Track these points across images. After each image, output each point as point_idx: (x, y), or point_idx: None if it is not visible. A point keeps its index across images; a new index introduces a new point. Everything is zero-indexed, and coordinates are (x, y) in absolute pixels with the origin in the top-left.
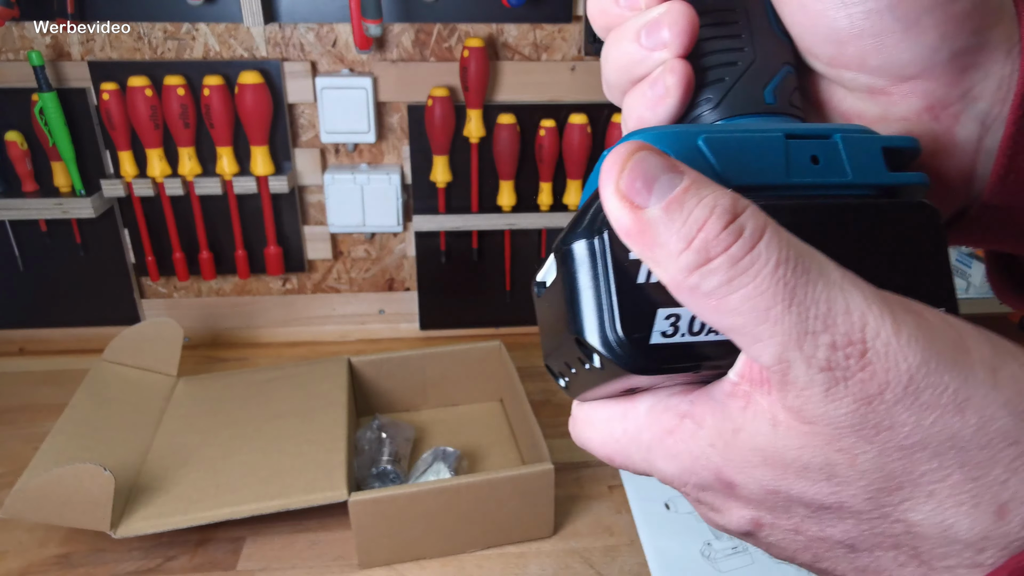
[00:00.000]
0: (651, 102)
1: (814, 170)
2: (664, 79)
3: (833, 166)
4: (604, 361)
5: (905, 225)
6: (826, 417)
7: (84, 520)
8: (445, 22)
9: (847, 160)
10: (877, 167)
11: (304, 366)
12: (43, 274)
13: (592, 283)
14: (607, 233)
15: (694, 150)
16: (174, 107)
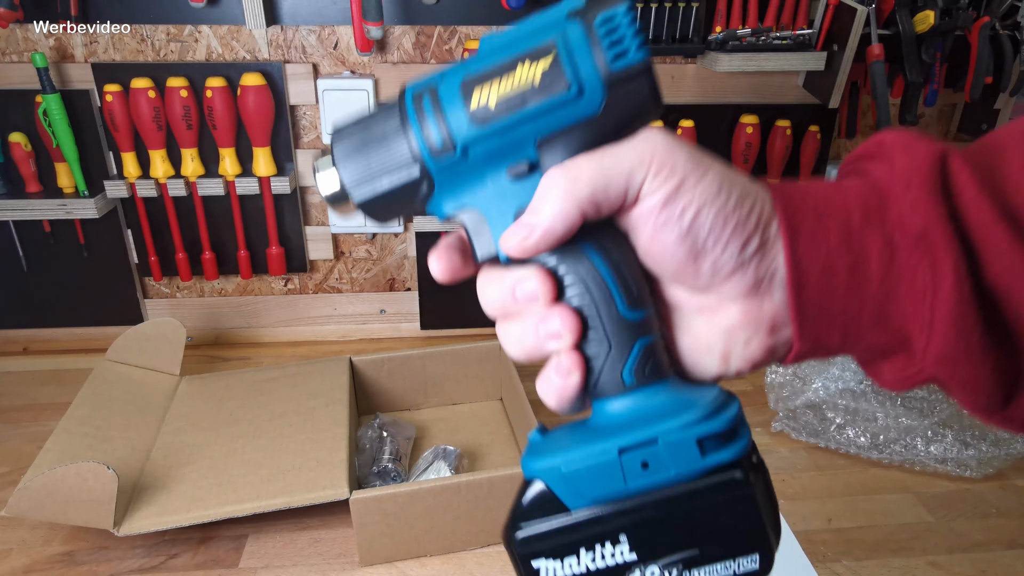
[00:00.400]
0: (559, 387)
1: (645, 474)
2: (570, 370)
3: (659, 467)
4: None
5: (720, 498)
6: None
7: (87, 518)
8: (445, 24)
9: (669, 459)
10: (693, 458)
11: (306, 365)
12: (47, 274)
13: None
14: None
15: (559, 478)
16: (177, 108)
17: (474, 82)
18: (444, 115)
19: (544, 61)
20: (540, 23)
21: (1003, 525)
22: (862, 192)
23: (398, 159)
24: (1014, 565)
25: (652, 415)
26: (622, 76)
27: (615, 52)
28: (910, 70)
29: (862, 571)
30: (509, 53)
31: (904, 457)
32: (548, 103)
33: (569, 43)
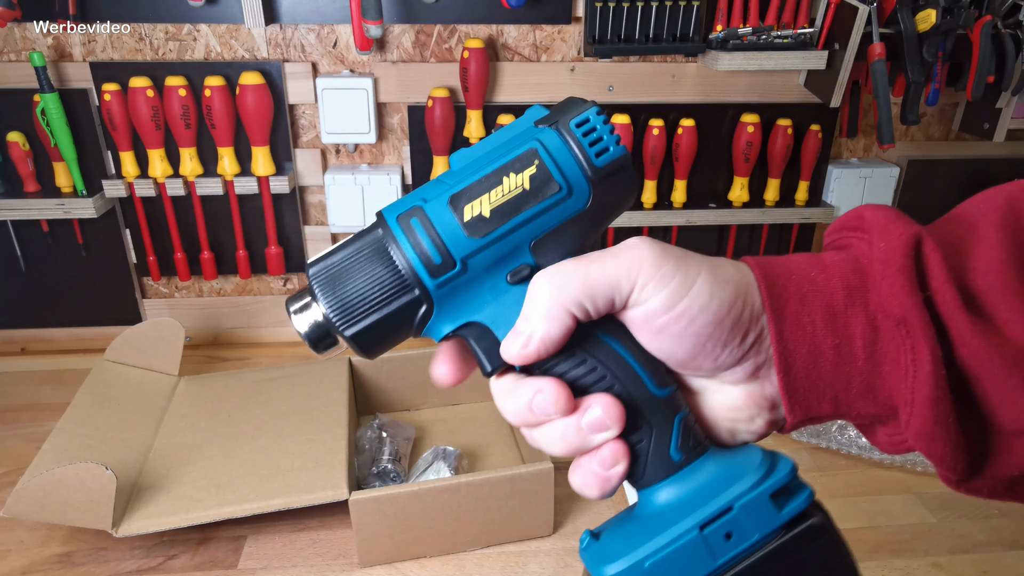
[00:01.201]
0: (603, 479)
1: (730, 544)
2: (616, 460)
3: (742, 533)
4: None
5: (808, 548)
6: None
7: (86, 519)
8: (445, 23)
9: (749, 522)
10: (771, 515)
11: (305, 366)
12: (45, 274)
13: None
14: None
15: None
16: (175, 108)
17: (462, 197)
18: (438, 232)
19: (530, 168)
20: (509, 135)
21: (1005, 526)
22: (843, 271)
23: (394, 284)
24: (1016, 566)
25: (714, 486)
26: (606, 171)
27: (596, 149)
28: (911, 69)
29: (863, 572)
30: (489, 166)
31: (906, 458)
32: (541, 205)
33: (548, 148)
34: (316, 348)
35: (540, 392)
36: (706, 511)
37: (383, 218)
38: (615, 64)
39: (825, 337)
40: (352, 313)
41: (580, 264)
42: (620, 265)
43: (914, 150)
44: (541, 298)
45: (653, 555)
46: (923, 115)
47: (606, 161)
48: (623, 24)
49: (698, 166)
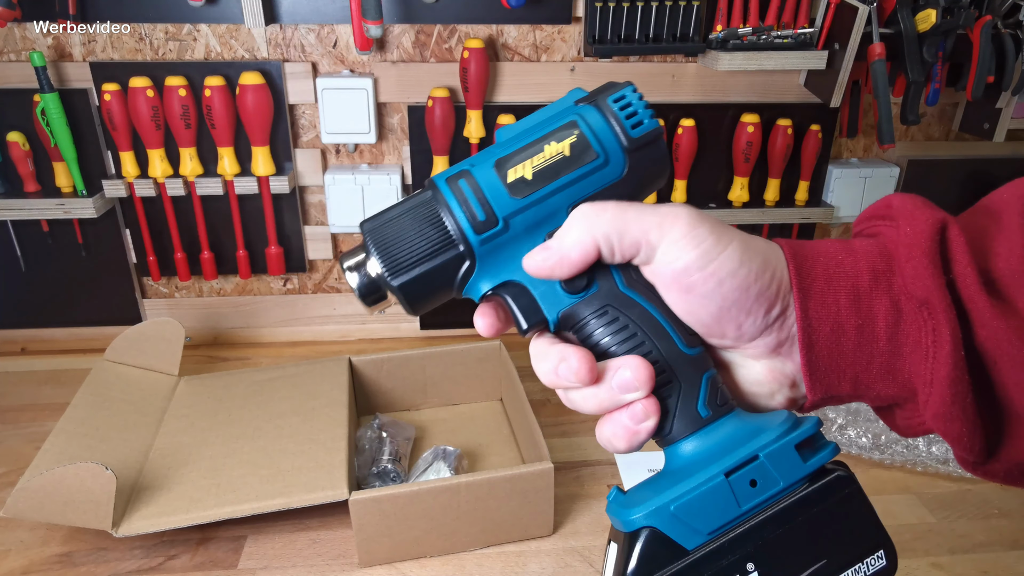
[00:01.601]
0: (633, 432)
1: (755, 491)
2: (648, 415)
3: (767, 481)
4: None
5: (832, 498)
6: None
7: (86, 519)
8: (445, 23)
9: (775, 470)
10: (796, 465)
11: (305, 366)
12: (45, 274)
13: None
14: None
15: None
16: (175, 108)
17: (507, 161)
18: (483, 192)
19: (570, 137)
20: (550, 113)
21: (1005, 526)
22: (870, 255)
23: (440, 239)
24: (1016, 566)
25: (740, 439)
26: (641, 142)
27: (632, 122)
28: (911, 69)
29: None
30: (531, 137)
31: (906, 458)
32: (580, 171)
33: (588, 121)
34: (365, 301)
35: (564, 361)
36: (732, 459)
37: (433, 182)
38: (615, 64)
39: (849, 317)
40: (401, 264)
41: (620, 205)
42: (656, 215)
43: (914, 150)
44: (575, 222)
45: (678, 499)
46: (923, 115)
47: (640, 133)
48: (623, 24)
49: (698, 166)
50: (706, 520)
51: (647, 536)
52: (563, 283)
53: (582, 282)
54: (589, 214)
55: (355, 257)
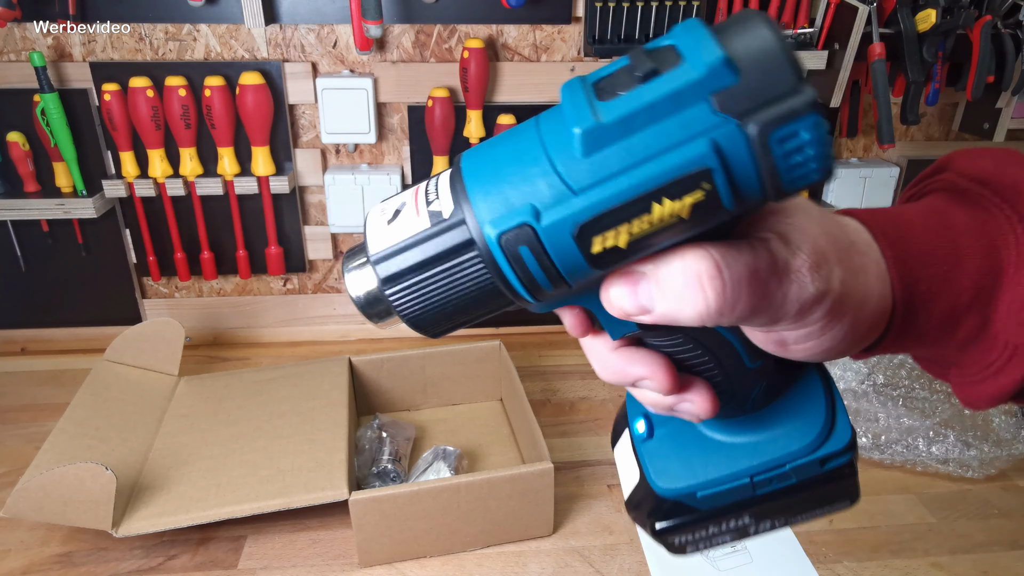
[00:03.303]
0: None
1: (772, 484)
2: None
3: (784, 479)
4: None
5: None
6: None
7: (86, 519)
8: (445, 23)
9: (794, 474)
10: (814, 470)
11: (305, 366)
12: (45, 274)
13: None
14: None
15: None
16: (175, 108)
17: (593, 227)
18: (555, 266)
19: (695, 193)
20: (674, 110)
21: (1005, 526)
22: (978, 269)
23: (489, 304)
24: (1016, 566)
25: (774, 441)
26: (792, 191)
27: (795, 175)
28: (911, 69)
29: (863, 572)
30: (635, 178)
31: (905, 458)
32: (695, 232)
33: (729, 162)
34: (373, 321)
35: (649, 379)
36: (762, 463)
37: (476, 222)
38: None
39: (933, 332)
40: (438, 329)
41: (758, 276)
42: (790, 297)
43: (914, 150)
44: (695, 301)
45: (707, 488)
46: (923, 115)
47: (799, 185)
48: (623, 24)
49: None
50: (723, 500)
51: (673, 504)
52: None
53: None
54: (717, 302)
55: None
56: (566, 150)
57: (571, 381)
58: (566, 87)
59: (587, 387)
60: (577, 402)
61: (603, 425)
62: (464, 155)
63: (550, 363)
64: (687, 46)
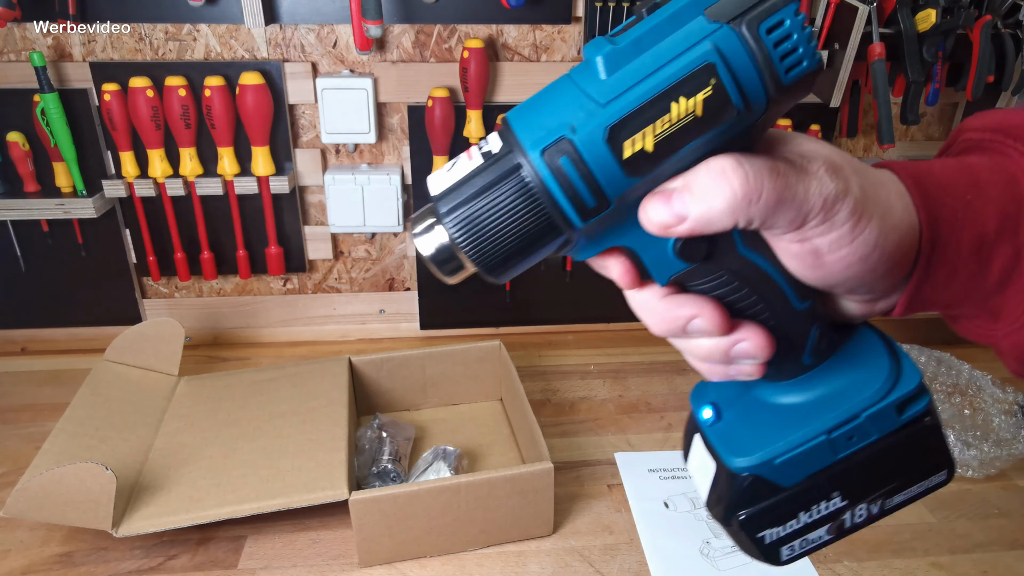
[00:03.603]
0: (732, 375)
1: (851, 443)
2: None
3: (863, 435)
4: None
5: (915, 440)
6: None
7: (86, 519)
8: (445, 23)
9: (872, 426)
10: (892, 419)
11: (305, 366)
12: (45, 274)
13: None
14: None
15: (773, 469)
16: (175, 108)
17: (622, 131)
18: (593, 174)
19: (705, 90)
20: (673, 27)
21: (1005, 526)
22: (1000, 197)
23: (539, 229)
24: (1016, 566)
25: (844, 392)
26: (793, 86)
27: (788, 64)
28: (911, 69)
29: (863, 572)
30: (651, 84)
31: None
32: (711, 133)
33: (728, 61)
34: (444, 274)
35: (699, 317)
36: (835, 418)
37: (521, 147)
38: None
39: (967, 264)
40: (495, 261)
41: (777, 175)
42: (811, 191)
43: (914, 150)
44: (722, 193)
45: (784, 454)
46: (923, 115)
47: (796, 77)
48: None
49: None
50: (804, 468)
51: (752, 481)
52: (678, 250)
53: (701, 251)
54: (743, 190)
55: (433, 238)
56: (592, 77)
57: (571, 381)
58: (589, 43)
59: (587, 387)
60: (577, 402)
61: (603, 425)
62: (509, 111)
63: (550, 363)
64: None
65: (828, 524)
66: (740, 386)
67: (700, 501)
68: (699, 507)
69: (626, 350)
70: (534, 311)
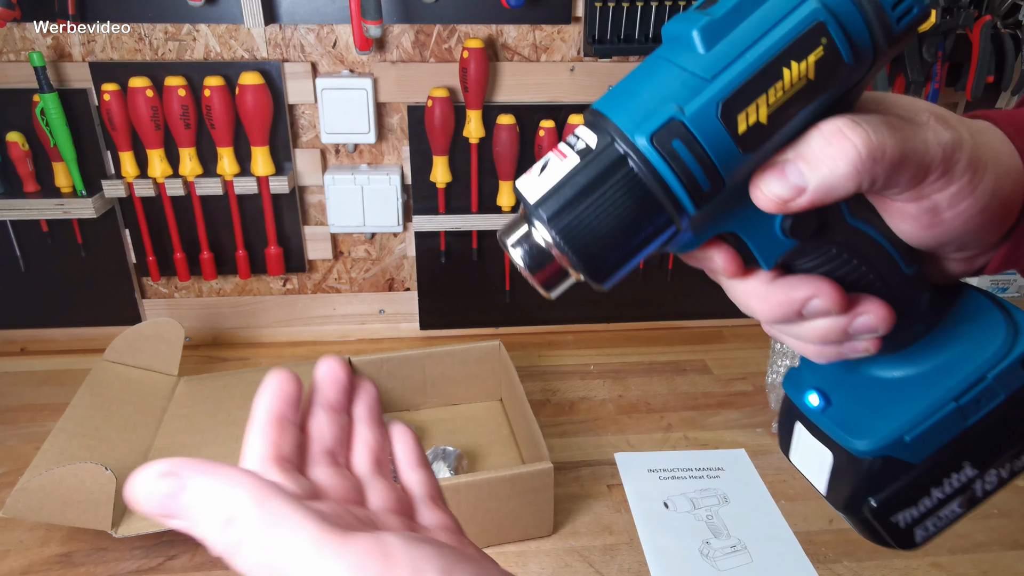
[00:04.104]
0: (842, 355)
1: (980, 407)
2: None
3: (991, 396)
4: None
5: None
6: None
7: (85, 519)
8: (445, 23)
9: (999, 386)
10: (1018, 376)
11: (305, 366)
12: (44, 274)
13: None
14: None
15: (904, 447)
16: (175, 108)
17: (734, 103)
18: (708, 154)
19: (816, 50)
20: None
21: (1005, 526)
22: None
23: (655, 226)
24: (1016, 566)
25: (963, 356)
26: (903, 33)
27: (899, 12)
28: (911, 69)
29: (863, 572)
30: (759, 50)
31: None
32: (823, 97)
33: (839, 16)
34: (548, 290)
35: (817, 297)
36: (961, 383)
37: (624, 136)
38: (615, 64)
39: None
40: (605, 265)
41: (893, 129)
42: (930, 141)
43: None
44: (844, 156)
45: (913, 428)
46: None
47: (907, 24)
48: (623, 24)
49: None
50: (935, 440)
51: (881, 463)
52: (788, 228)
53: (812, 225)
54: (867, 150)
55: (532, 248)
56: (689, 52)
57: (571, 381)
58: (669, 22)
59: (587, 387)
60: (577, 402)
61: (603, 425)
62: (594, 103)
63: (550, 363)
64: None
65: (960, 497)
66: (842, 366)
67: (819, 492)
68: (699, 507)
69: (626, 350)
70: (534, 311)
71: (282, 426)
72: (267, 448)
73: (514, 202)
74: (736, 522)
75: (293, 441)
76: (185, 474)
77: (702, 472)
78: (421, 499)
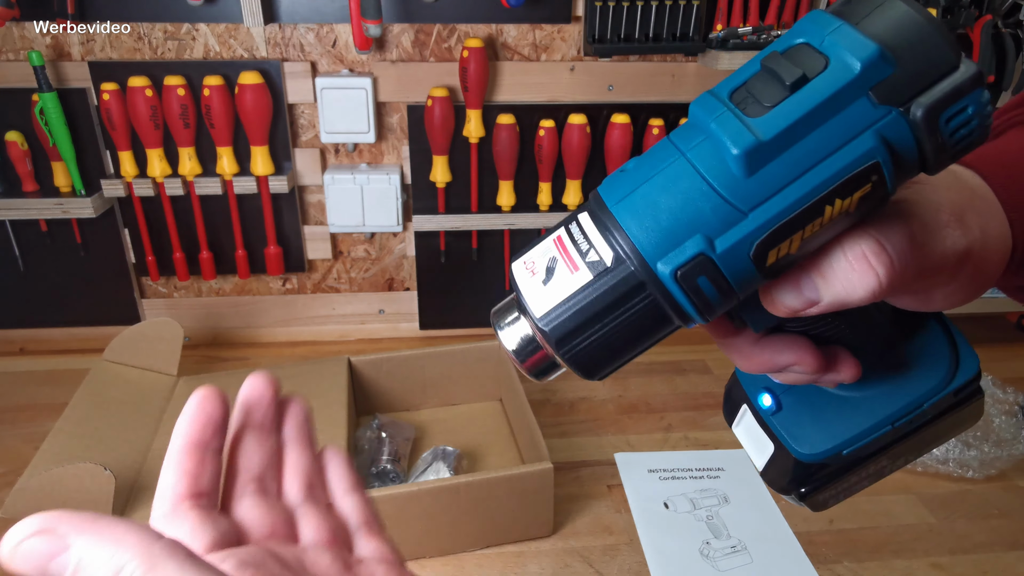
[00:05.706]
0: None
1: (910, 424)
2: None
3: (922, 418)
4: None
5: (961, 412)
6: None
7: None
8: (445, 22)
9: (932, 412)
10: (949, 403)
11: (304, 366)
12: (43, 274)
13: None
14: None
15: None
16: (174, 107)
17: (769, 243)
18: (731, 286)
19: (864, 187)
20: (833, 112)
21: (1005, 526)
22: None
23: (660, 335)
24: (1016, 566)
25: (906, 384)
26: (956, 154)
27: (960, 147)
28: None
29: (863, 572)
30: (808, 189)
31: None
32: (855, 218)
33: (897, 151)
34: (538, 378)
35: (798, 364)
36: (901, 410)
37: (644, 262)
38: (615, 63)
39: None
40: (605, 370)
41: (916, 242)
42: (948, 252)
43: None
44: (863, 279)
45: (851, 445)
46: None
47: (963, 154)
48: (623, 23)
49: None
50: (867, 452)
51: (818, 467)
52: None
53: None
54: (886, 275)
55: (525, 341)
56: (726, 173)
57: (571, 381)
58: (699, 104)
59: (587, 387)
60: (577, 402)
61: (603, 425)
62: (603, 192)
63: None
64: (827, 42)
65: (871, 478)
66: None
67: (755, 467)
68: (699, 508)
69: None
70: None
71: (203, 455)
72: (183, 484)
73: (514, 202)
74: (736, 522)
75: (215, 471)
76: (64, 532)
77: (702, 472)
78: (357, 526)
